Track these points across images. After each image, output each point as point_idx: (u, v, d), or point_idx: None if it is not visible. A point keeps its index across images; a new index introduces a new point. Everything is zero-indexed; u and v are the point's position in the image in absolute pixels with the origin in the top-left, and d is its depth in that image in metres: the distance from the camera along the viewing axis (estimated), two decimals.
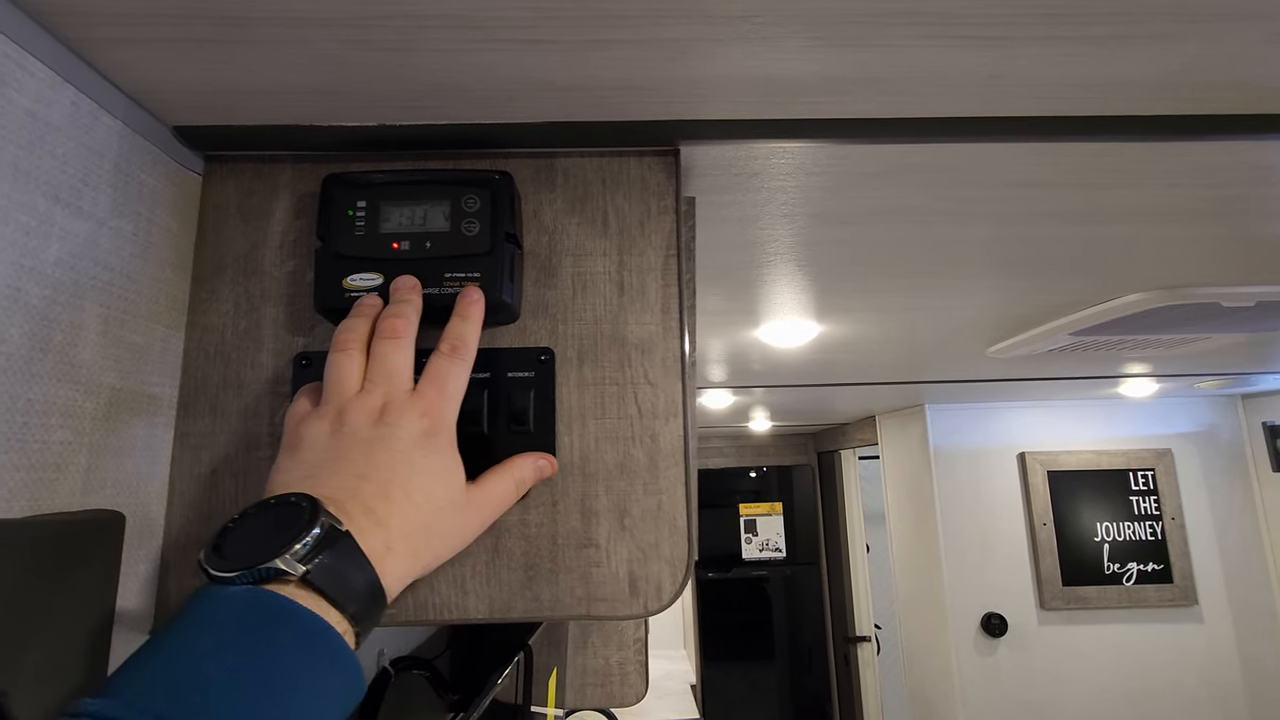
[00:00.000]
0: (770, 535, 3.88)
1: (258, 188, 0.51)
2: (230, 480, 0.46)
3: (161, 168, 0.47)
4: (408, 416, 0.38)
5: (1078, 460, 2.47)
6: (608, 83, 0.45)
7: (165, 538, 0.45)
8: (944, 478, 2.48)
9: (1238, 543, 2.43)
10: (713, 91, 0.47)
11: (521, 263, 0.50)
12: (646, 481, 0.47)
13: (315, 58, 0.41)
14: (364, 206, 0.47)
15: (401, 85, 0.44)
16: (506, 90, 0.46)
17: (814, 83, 0.46)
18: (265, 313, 0.49)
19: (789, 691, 3.75)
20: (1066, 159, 0.59)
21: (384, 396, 0.39)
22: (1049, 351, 1.37)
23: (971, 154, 0.58)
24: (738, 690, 3.77)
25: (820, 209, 0.70)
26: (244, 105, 0.46)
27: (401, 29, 0.39)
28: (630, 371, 0.49)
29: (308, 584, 0.31)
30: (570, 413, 0.48)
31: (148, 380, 0.45)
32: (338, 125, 0.49)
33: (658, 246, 0.51)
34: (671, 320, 0.49)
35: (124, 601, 0.41)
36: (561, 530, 0.46)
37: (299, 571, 0.31)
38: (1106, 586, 2.39)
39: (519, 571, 0.46)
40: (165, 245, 0.47)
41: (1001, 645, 2.37)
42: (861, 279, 0.95)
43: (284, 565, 0.31)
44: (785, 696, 3.75)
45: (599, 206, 0.51)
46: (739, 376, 1.83)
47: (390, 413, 0.38)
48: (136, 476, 0.43)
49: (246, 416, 0.48)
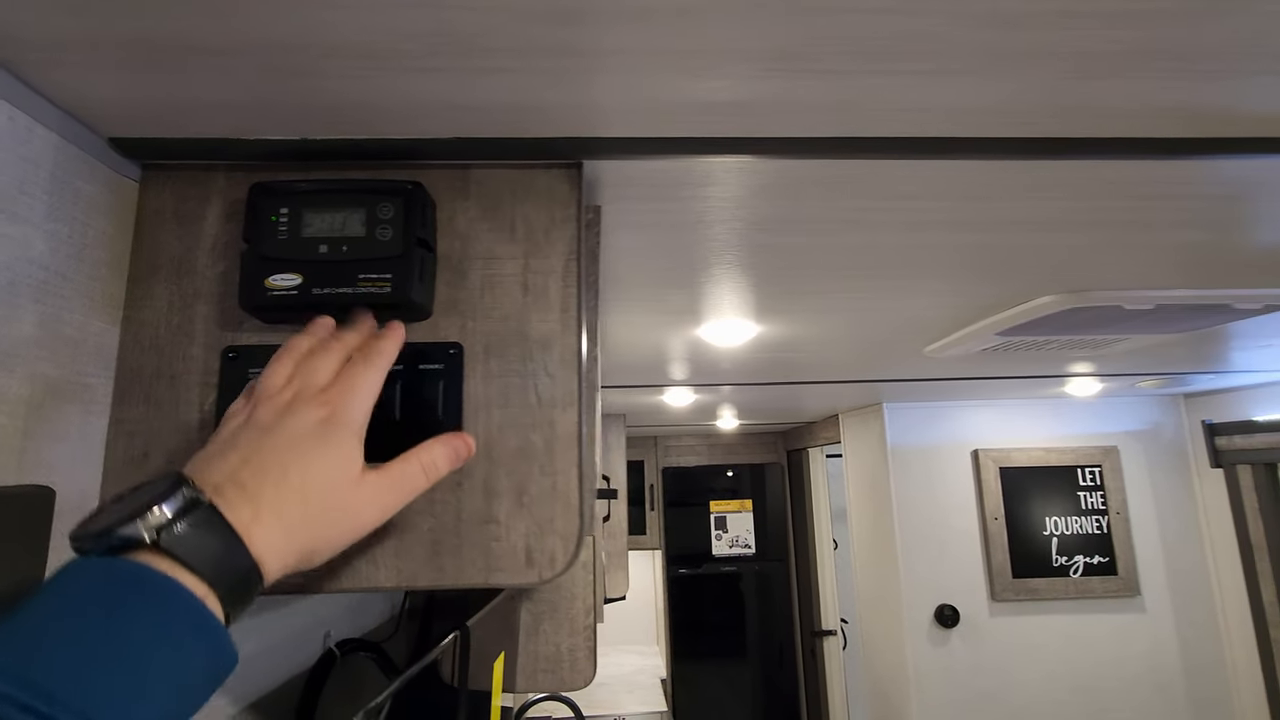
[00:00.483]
0: (740, 532, 3.95)
1: (191, 194, 0.55)
2: (162, 463, 0.51)
3: (98, 176, 0.51)
4: (308, 407, 0.42)
5: (1029, 457, 2.56)
6: (506, 104, 0.50)
7: None
8: (901, 474, 2.56)
9: (1178, 536, 2.53)
10: (605, 113, 0.52)
11: (434, 265, 0.55)
12: (543, 464, 0.52)
13: (237, 82, 0.46)
14: (287, 213, 0.51)
15: (318, 104, 0.49)
16: (417, 109, 0.50)
17: (693, 106, 0.51)
18: (197, 310, 0.53)
19: (760, 686, 3.82)
20: (933, 174, 0.65)
21: (294, 393, 0.43)
22: (982, 351, 1.44)
23: (855, 168, 0.64)
24: (709, 685, 3.83)
25: (731, 216, 0.75)
26: (176, 120, 0.50)
27: (310, 59, 0.44)
28: (532, 365, 0.54)
29: (164, 551, 0.31)
30: (477, 402, 0.53)
31: (83, 370, 0.49)
32: (264, 139, 0.53)
33: (560, 251, 0.56)
34: (570, 318, 0.55)
35: None
36: (466, 508, 0.51)
37: (151, 537, 0.31)
38: (1055, 578, 2.48)
39: (425, 545, 0.50)
40: (101, 247, 0.51)
41: (954, 636, 2.46)
42: (788, 282, 1.01)
43: (135, 530, 0.31)
44: (756, 691, 3.82)
45: (508, 214, 0.56)
46: (698, 375, 1.89)
47: (294, 405, 0.42)
48: (72, 459, 0.47)
49: (178, 405, 0.52)
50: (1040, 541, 2.50)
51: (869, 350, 1.54)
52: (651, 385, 2.07)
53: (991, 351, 1.45)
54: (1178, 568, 2.51)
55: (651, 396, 2.31)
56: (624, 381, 1.99)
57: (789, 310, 1.16)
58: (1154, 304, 1.04)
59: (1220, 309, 1.07)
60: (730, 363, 1.65)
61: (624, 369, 1.74)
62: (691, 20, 0.42)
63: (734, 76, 0.47)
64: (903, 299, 1.13)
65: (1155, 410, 2.63)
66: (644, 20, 0.42)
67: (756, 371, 1.82)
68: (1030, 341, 1.33)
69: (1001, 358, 1.62)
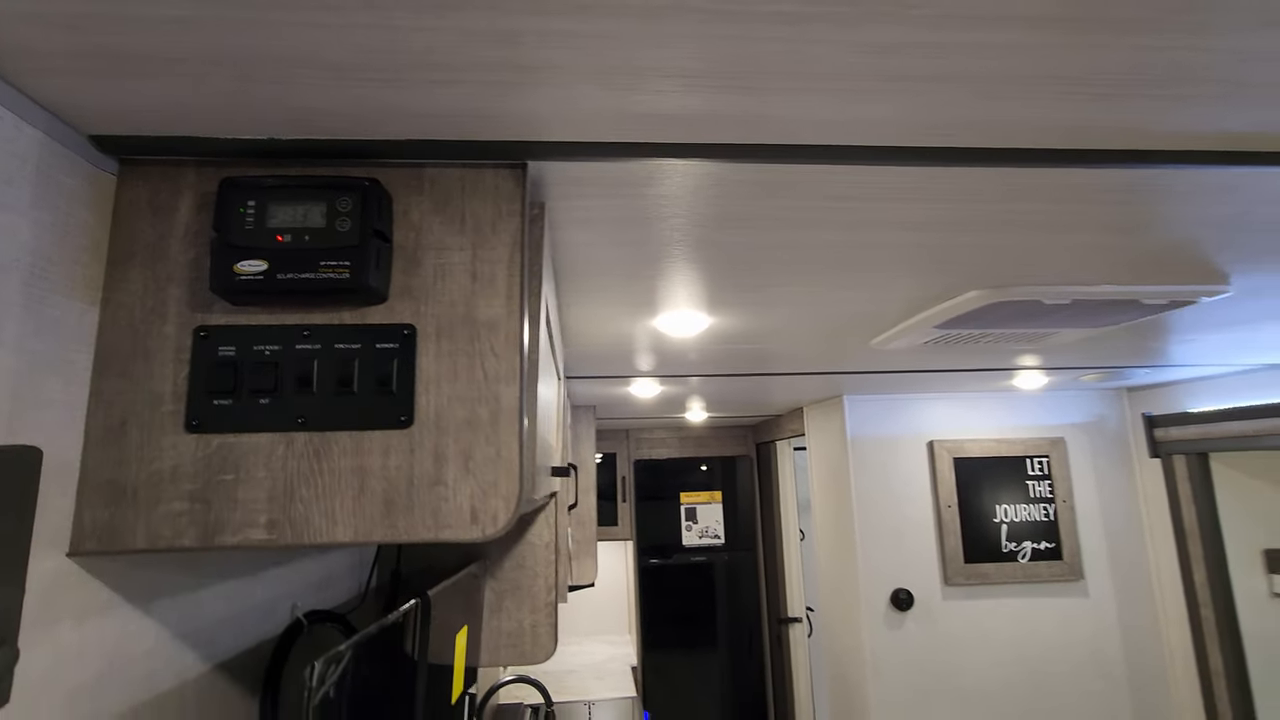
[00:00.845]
0: (709, 523, 4.04)
1: (165, 187, 0.60)
2: (137, 431, 0.56)
3: (79, 170, 0.56)
4: None
5: (981, 448, 2.67)
6: (457, 111, 0.56)
7: (81, 477, 0.54)
8: (860, 464, 2.66)
9: (1120, 523, 2.67)
10: (546, 120, 0.58)
11: (390, 254, 0.60)
12: (488, 434, 0.58)
13: (209, 89, 0.51)
14: (254, 205, 0.57)
15: (284, 109, 0.54)
16: (376, 114, 0.56)
17: (625, 116, 0.57)
18: (170, 293, 0.59)
19: (729, 672, 3.92)
20: (857, 178, 0.72)
21: None
22: (925, 343, 1.53)
23: (781, 172, 0.71)
24: (679, 671, 3.92)
25: (674, 214, 0.82)
26: (151, 120, 0.55)
27: (278, 69, 0.49)
28: (479, 345, 0.60)
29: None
30: (428, 377, 0.59)
31: (66, 345, 0.54)
32: (234, 138, 0.58)
33: (506, 243, 0.62)
34: (515, 304, 0.61)
35: (45, 526, 0.50)
36: (417, 472, 0.57)
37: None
38: (1004, 563, 2.60)
39: (380, 505, 0.56)
40: (81, 234, 0.56)
41: (909, 619, 2.56)
42: (735, 277, 1.08)
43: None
44: (725, 677, 3.92)
45: (459, 209, 0.62)
46: (662, 366, 1.95)
47: None
48: (55, 426, 0.52)
49: (153, 379, 0.57)
50: (991, 528, 2.62)
51: (819, 342, 1.62)
52: (618, 376, 2.13)
53: (934, 344, 1.54)
54: (1119, 553, 2.65)
55: (619, 388, 2.37)
56: (591, 372, 2.05)
57: (738, 303, 1.23)
58: (1070, 299, 1.13)
59: (1130, 304, 1.16)
60: (691, 354, 1.72)
61: (590, 359, 1.81)
62: (613, 43, 0.48)
63: (657, 91, 0.54)
64: (844, 293, 1.20)
65: (1100, 403, 2.77)
66: (571, 42, 0.48)
67: (718, 363, 1.90)
68: (967, 334, 1.41)
69: (947, 350, 1.71)
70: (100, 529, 0.54)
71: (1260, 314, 1.39)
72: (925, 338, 1.45)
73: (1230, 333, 1.60)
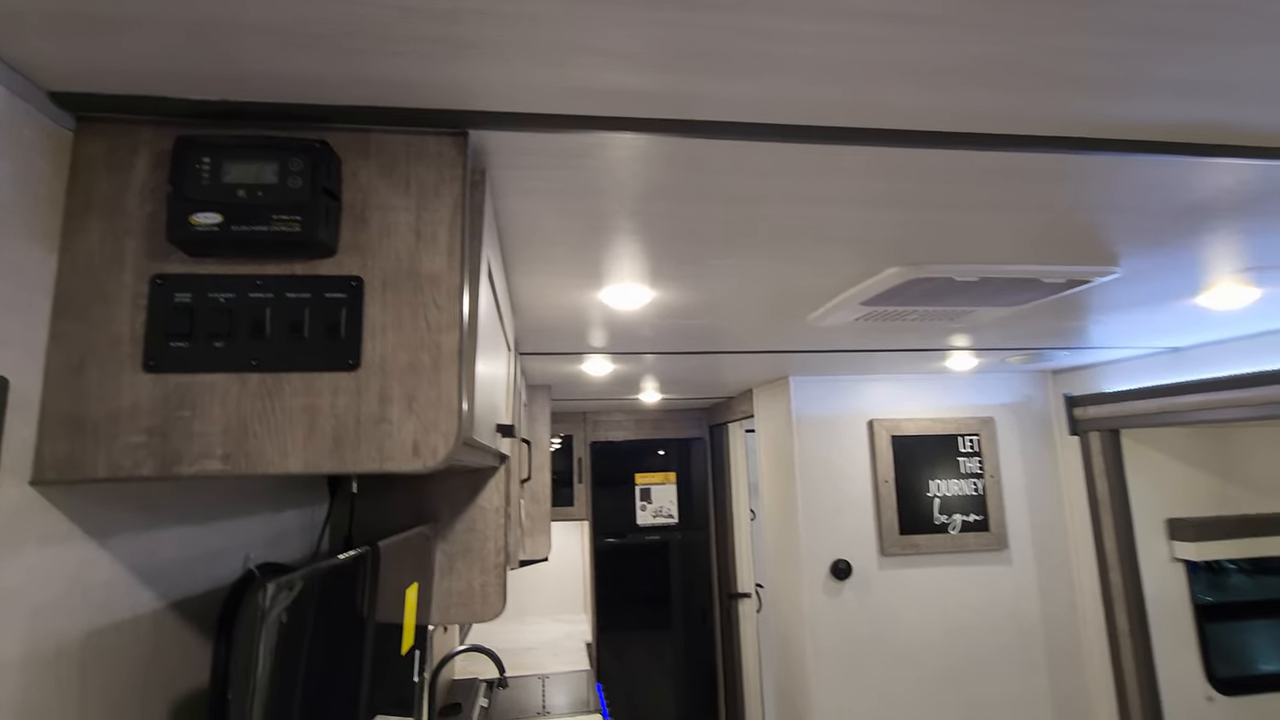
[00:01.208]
0: (664, 503, 4.14)
1: (122, 145, 0.64)
2: (96, 369, 0.60)
3: (38, 124, 0.59)
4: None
5: (917, 426, 2.83)
6: (401, 80, 0.61)
7: (42, 412, 0.58)
8: (804, 442, 2.79)
9: (1042, 497, 2.86)
10: (485, 91, 0.64)
11: (338, 212, 0.65)
12: (430, 377, 0.64)
13: (161, 49, 0.55)
14: (209, 162, 0.61)
15: (235, 72, 0.59)
16: (325, 80, 0.61)
17: (560, 90, 0.63)
18: (127, 244, 0.62)
19: (682, 646, 4.04)
20: (774, 156, 0.79)
21: None
22: (856, 320, 1.63)
23: (710, 148, 0.78)
24: (635, 647, 4.02)
25: (610, 186, 0.88)
26: (109, 79, 0.59)
27: (232, 34, 0.54)
28: (422, 297, 0.65)
29: None
30: (375, 326, 0.64)
31: (27, 288, 0.57)
32: (188, 98, 0.62)
33: (448, 205, 0.67)
34: (455, 260, 0.66)
35: (9, 456, 0.54)
36: (364, 412, 0.63)
37: None
38: (936, 535, 2.76)
39: (329, 440, 0.62)
40: (41, 184, 0.59)
41: (847, 588, 2.71)
42: (674, 249, 1.15)
43: None
44: (679, 651, 4.04)
45: (403, 172, 0.67)
46: (614, 343, 2.02)
47: None
48: (17, 364, 0.56)
49: (111, 322, 0.61)
50: (924, 502, 2.78)
51: (761, 318, 1.71)
52: (572, 353, 2.19)
53: (865, 320, 1.64)
54: (1040, 524, 2.84)
55: (573, 365, 2.43)
56: (545, 348, 2.10)
57: (678, 275, 1.31)
58: (978, 276, 1.24)
59: (1033, 283, 1.27)
60: (642, 330, 1.79)
61: (543, 334, 1.86)
62: (543, 24, 0.54)
63: (588, 68, 0.60)
64: (776, 266, 1.29)
65: (1027, 385, 2.95)
66: (505, 21, 0.54)
67: (668, 340, 1.97)
68: (892, 311, 1.52)
69: (880, 328, 1.83)
70: (61, 460, 0.58)
71: (1151, 296, 1.54)
72: (855, 314, 1.55)
73: (1131, 314, 1.75)
